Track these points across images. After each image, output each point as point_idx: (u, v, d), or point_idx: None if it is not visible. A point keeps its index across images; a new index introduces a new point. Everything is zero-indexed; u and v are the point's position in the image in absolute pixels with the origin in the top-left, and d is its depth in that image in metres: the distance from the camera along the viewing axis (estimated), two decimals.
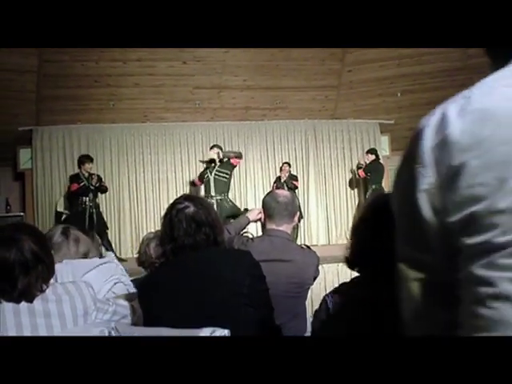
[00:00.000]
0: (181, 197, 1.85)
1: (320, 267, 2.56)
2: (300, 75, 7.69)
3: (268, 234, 2.40)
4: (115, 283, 2.05)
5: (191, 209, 1.73)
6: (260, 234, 2.67)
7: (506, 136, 0.55)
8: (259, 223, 2.68)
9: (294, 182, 7.77)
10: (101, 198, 7.83)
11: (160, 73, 7.38)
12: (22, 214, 8.02)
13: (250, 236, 2.57)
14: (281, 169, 7.98)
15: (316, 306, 1.76)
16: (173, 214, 1.72)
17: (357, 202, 8.57)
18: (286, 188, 7.29)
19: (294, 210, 2.43)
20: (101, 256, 2.59)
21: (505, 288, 0.54)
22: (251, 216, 2.70)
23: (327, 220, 8.54)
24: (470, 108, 0.58)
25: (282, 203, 2.37)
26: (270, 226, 2.39)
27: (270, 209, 2.40)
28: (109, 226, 7.88)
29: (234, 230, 2.66)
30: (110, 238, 7.45)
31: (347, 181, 8.71)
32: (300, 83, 7.85)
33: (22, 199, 8.25)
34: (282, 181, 7.75)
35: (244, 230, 2.81)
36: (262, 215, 2.55)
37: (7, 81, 6.85)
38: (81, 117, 7.90)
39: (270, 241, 2.35)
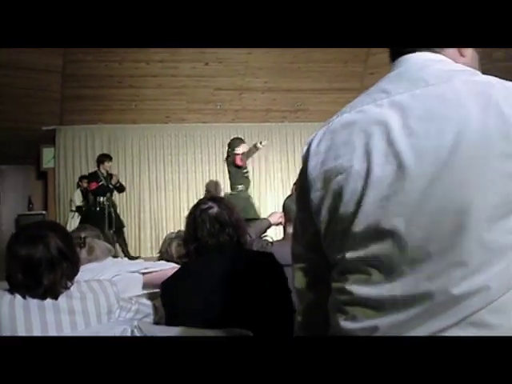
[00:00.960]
0: (205, 197, 1.87)
1: None
2: (322, 77, 7.66)
3: (289, 239, 2.38)
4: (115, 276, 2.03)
5: (215, 209, 1.73)
6: (281, 237, 2.66)
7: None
8: (280, 227, 2.66)
9: None
10: (121, 197, 7.90)
11: (182, 74, 7.43)
12: (43, 212, 8.14)
13: (270, 240, 2.56)
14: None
15: None
16: (197, 214, 1.72)
17: None
18: None
19: None
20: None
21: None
22: (272, 219, 2.68)
23: None
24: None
25: None
26: (291, 229, 2.37)
27: (290, 212, 2.37)
28: (129, 225, 7.96)
29: (255, 233, 2.65)
30: (126, 237, 7.53)
31: None
32: (321, 85, 7.82)
33: (45, 197, 8.37)
34: None
35: (264, 234, 2.80)
36: (282, 219, 2.53)
37: (32, 80, 6.96)
38: (103, 117, 7.99)
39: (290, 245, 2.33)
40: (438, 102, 0.75)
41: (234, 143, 5.87)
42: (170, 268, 2.23)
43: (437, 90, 0.77)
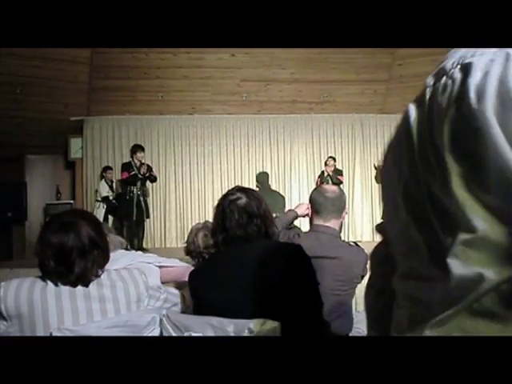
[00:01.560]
0: (233, 188, 1.85)
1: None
2: (349, 68, 7.58)
3: (315, 230, 2.37)
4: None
5: (243, 200, 1.72)
6: (307, 229, 2.64)
7: None
8: (307, 218, 2.65)
9: (339, 177, 7.69)
10: (148, 187, 7.98)
11: (208, 65, 7.43)
12: (71, 201, 8.26)
13: (297, 231, 2.55)
14: (325, 163, 7.89)
15: (361, 305, 1.73)
16: (225, 204, 1.71)
17: None
18: (330, 182, 7.22)
19: (341, 206, 2.39)
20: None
21: None
22: (299, 211, 2.66)
23: (372, 216, 8.41)
24: None
25: (330, 199, 2.33)
26: (318, 221, 2.36)
27: (317, 204, 2.36)
28: (155, 215, 8.04)
29: (281, 224, 2.65)
30: (150, 227, 7.62)
31: None
32: (348, 77, 7.74)
33: (72, 187, 8.50)
34: (326, 175, 7.68)
35: (291, 225, 2.79)
36: (309, 210, 2.52)
37: (60, 71, 7.05)
38: (130, 108, 8.05)
39: (317, 237, 2.32)
40: None
41: None
42: (183, 267, 2.25)
43: None
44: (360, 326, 2.40)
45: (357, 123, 8.53)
